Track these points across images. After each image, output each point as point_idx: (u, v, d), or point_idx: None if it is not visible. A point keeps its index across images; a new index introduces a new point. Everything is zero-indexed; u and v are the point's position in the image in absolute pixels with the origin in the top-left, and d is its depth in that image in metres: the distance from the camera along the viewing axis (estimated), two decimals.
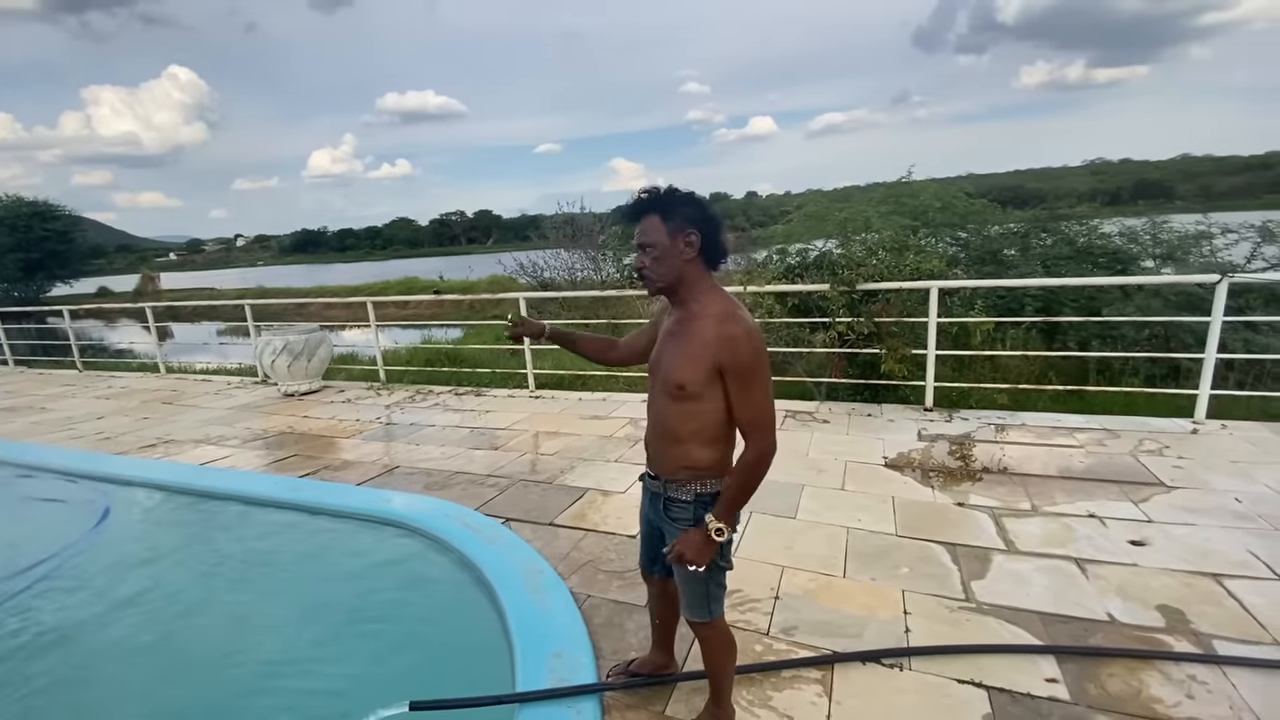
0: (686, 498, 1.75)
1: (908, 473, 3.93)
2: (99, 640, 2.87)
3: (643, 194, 1.71)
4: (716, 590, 1.81)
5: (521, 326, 2.12)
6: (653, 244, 1.67)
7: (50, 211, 34.81)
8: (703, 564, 1.70)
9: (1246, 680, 2.10)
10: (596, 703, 2.12)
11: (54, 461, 5.16)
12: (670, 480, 1.77)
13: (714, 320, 1.63)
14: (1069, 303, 6.49)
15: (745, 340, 1.60)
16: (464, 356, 8.84)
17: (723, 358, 1.60)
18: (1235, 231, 6.84)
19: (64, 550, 3.64)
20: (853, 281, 5.14)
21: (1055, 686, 2.12)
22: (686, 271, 1.68)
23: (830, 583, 2.80)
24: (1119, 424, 4.56)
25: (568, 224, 14.44)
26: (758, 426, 1.65)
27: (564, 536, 3.36)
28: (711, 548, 1.69)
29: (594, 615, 2.65)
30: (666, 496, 1.79)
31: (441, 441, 5.15)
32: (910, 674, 2.22)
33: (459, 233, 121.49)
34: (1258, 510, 3.21)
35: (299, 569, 3.43)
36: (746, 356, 1.60)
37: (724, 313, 1.64)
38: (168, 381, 8.68)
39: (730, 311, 1.65)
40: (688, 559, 1.70)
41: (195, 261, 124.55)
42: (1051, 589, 2.65)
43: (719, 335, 1.61)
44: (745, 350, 1.60)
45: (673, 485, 1.77)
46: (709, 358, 1.62)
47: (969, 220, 8.53)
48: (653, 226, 1.67)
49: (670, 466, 1.76)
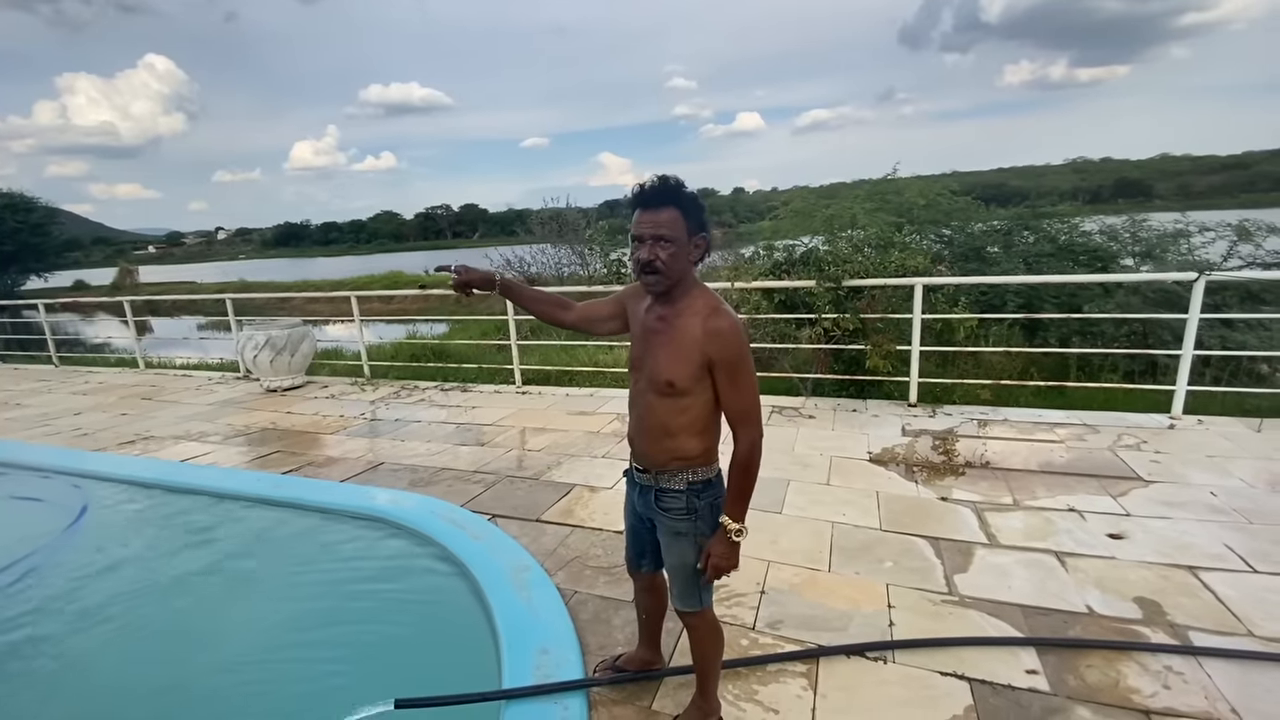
0: (679, 486, 1.77)
1: (892, 468, 3.97)
2: (76, 638, 2.82)
3: (666, 181, 1.64)
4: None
5: (466, 274, 1.94)
6: (672, 239, 1.61)
7: (25, 203, 34.09)
8: (735, 565, 1.75)
9: (1221, 671, 2.14)
10: (583, 699, 2.12)
11: (29, 458, 5.06)
12: (661, 471, 1.78)
13: (700, 316, 1.65)
14: (1050, 299, 6.58)
15: (731, 334, 1.62)
16: (450, 352, 8.78)
17: (711, 352, 1.62)
18: (1212, 230, 6.96)
19: (40, 549, 3.57)
20: (839, 278, 5.16)
21: (1035, 678, 2.15)
22: (689, 269, 1.69)
23: (815, 577, 2.82)
24: (1098, 419, 4.63)
25: (554, 219, 14.40)
26: (746, 418, 1.68)
27: (550, 533, 3.36)
28: (736, 549, 1.74)
29: (581, 611, 2.65)
30: (658, 488, 1.80)
31: (427, 438, 5.12)
32: (894, 667, 2.25)
33: (444, 227, 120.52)
34: (1232, 504, 3.27)
35: (282, 567, 3.39)
36: (733, 350, 1.62)
37: (709, 308, 1.66)
38: (147, 377, 8.54)
39: (715, 306, 1.66)
40: (723, 568, 1.74)
41: (175, 255, 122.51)
42: (1032, 582, 2.69)
43: (706, 330, 1.62)
44: (732, 344, 1.62)
45: (664, 476, 1.78)
46: (697, 353, 1.63)
47: (953, 218, 8.60)
48: (674, 220, 1.62)
49: (661, 459, 1.77)
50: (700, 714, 1.99)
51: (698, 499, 1.76)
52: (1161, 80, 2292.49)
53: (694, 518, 1.78)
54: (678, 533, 1.80)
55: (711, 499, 1.78)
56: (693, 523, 1.78)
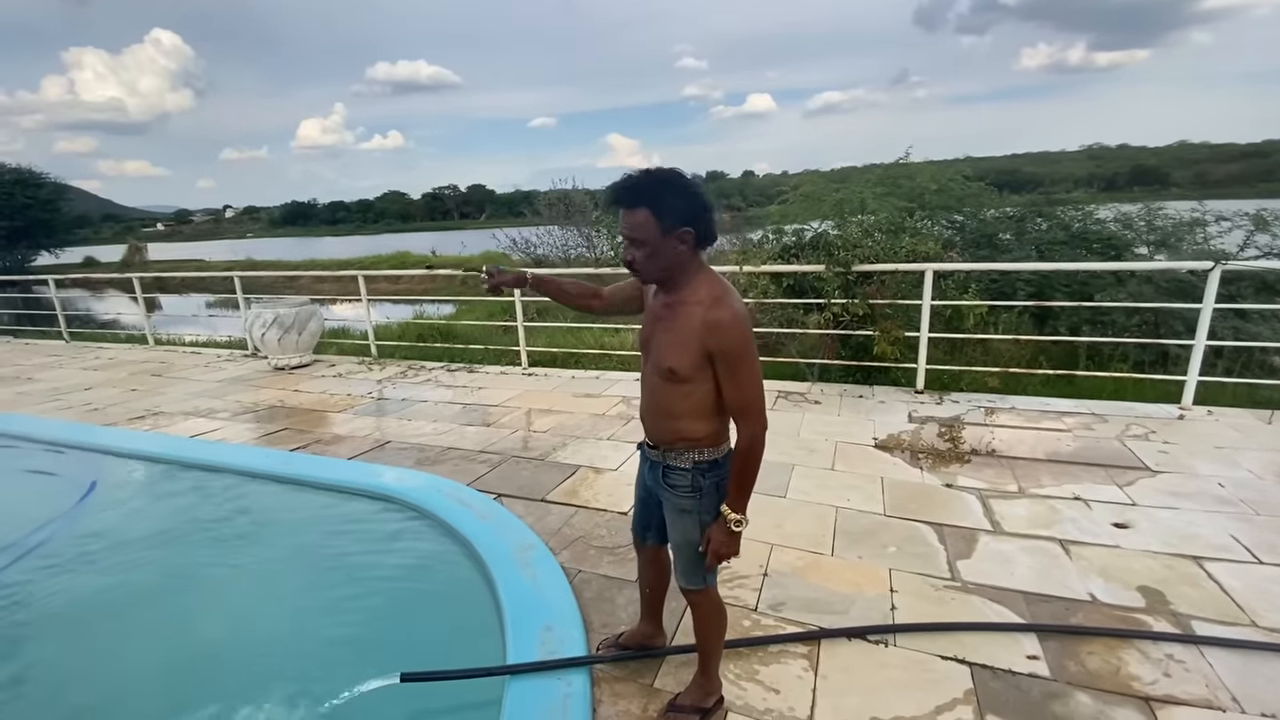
0: (685, 465, 1.78)
1: (897, 454, 3.97)
2: (89, 611, 2.87)
3: (630, 179, 1.61)
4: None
5: (499, 276, 2.03)
6: (645, 241, 1.60)
7: (34, 179, 34.17)
8: (735, 553, 1.78)
9: (1223, 660, 2.15)
10: (586, 675, 2.15)
11: (40, 432, 5.12)
12: (669, 449, 1.80)
13: (701, 307, 1.62)
14: (1061, 287, 6.51)
15: (731, 326, 1.59)
16: (456, 333, 8.80)
17: (710, 344, 1.61)
18: (1229, 219, 6.85)
19: (50, 524, 3.61)
20: (848, 263, 5.12)
21: (1036, 663, 2.16)
22: (678, 262, 1.65)
23: (818, 560, 2.83)
24: (1107, 409, 4.60)
25: (561, 201, 14.33)
26: (747, 411, 1.67)
27: (555, 513, 3.38)
28: (736, 538, 1.76)
29: (584, 590, 2.67)
30: (665, 465, 1.82)
31: (434, 417, 5.14)
32: (895, 650, 2.26)
33: (451, 207, 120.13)
34: (1240, 495, 3.26)
35: (290, 542, 3.43)
36: (733, 342, 1.60)
37: (711, 299, 1.63)
38: (156, 353, 8.60)
39: (718, 297, 1.63)
40: (723, 555, 1.76)
41: (183, 232, 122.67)
42: (1036, 569, 2.70)
43: (705, 322, 1.60)
44: (731, 336, 1.60)
45: (671, 454, 1.80)
46: (696, 344, 1.62)
47: (965, 203, 8.50)
48: (643, 222, 1.58)
49: (668, 438, 1.79)
50: (701, 692, 2.01)
51: (703, 478, 1.78)
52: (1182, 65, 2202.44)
53: (699, 496, 1.78)
54: (683, 510, 1.82)
55: (717, 479, 1.78)
56: (697, 501, 1.79)
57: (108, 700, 2.35)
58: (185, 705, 2.23)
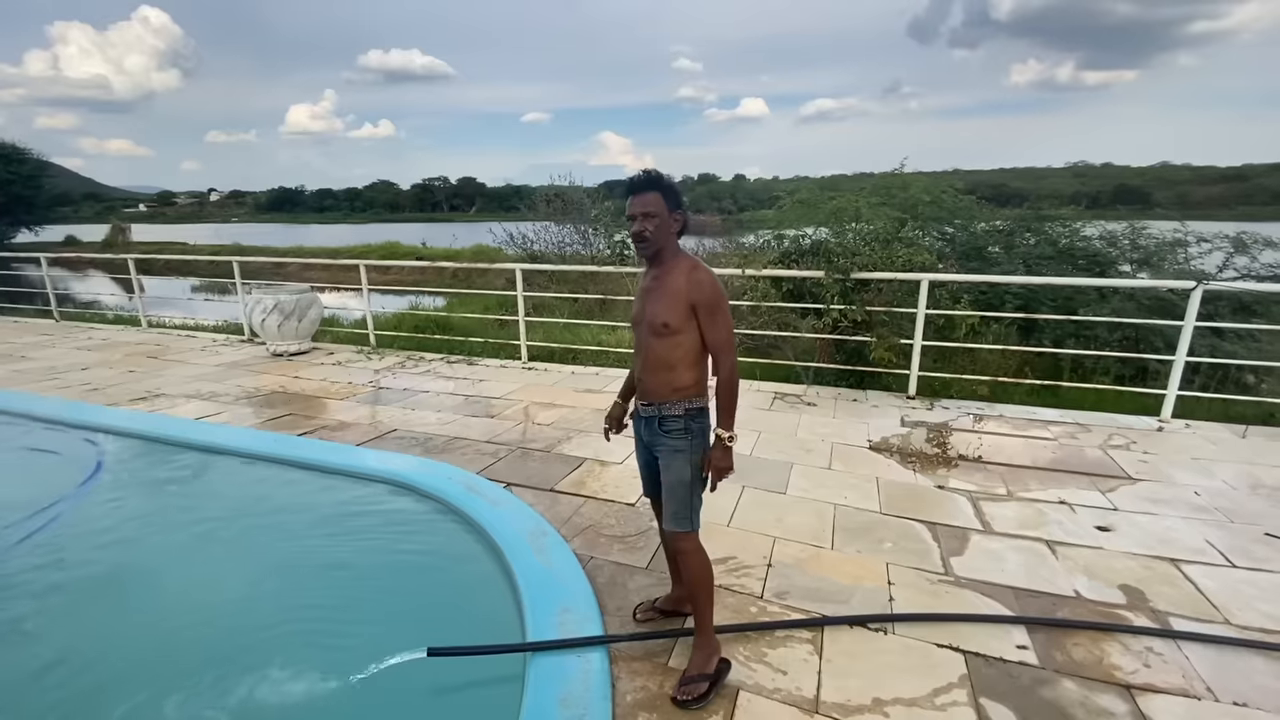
0: (678, 412, 2.16)
1: (891, 456, 4.11)
2: (106, 590, 2.91)
3: (645, 173, 2.16)
4: (697, 502, 2.18)
5: (618, 424, 2.53)
6: (656, 214, 2.10)
7: (15, 154, 33.40)
8: (731, 468, 2.14)
9: (1198, 653, 2.31)
10: (604, 653, 2.26)
11: (44, 411, 5.11)
12: (664, 403, 2.17)
13: (684, 271, 2.10)
14: (1047, 301, 6.72)
15: (709, 283, 2.07)
16: (453, 325, 8.84)
17: (694, 298, 2.06)
18: (1209, 241, 7.11)
19: (55, 505, 3.62)
20: (847, 269, 5.27)
21: (1025, 653, 2.31)
22: (670, 240, 2.15)
23: (819, 553, 2.97)
24: (1090, 419, 4.80)
25: (557, 197, 14.36)
26: (725, 348, 2.11)
27: (565, 502, 3.48)
28: (730, 453, 2.14)
29: (597, 575, 2.78)
30: (662, 416, 2.18)
31: (437, 408, 5.22)
32: (894, 638, 2.40)
33: (441, 199, 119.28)
34: (1215, 504, 3.45)
35: (310, 525, 3.45)
36: (711, 294, 2.07)
37: (690, 266, 2.11)
38: (150, 335, 8.56)
39: (695, 265, 2.12)
40: (722, 469, 2.12)
41: (166, 214, 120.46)
42: (1024, 566, 2.85)
43: (689, 281, 2.07)
44: (710, 290, 2.07)
45: (666, 405, 2.17)
46: (683, 299, 2.07)
47: (957, 216, 8.69)
48: (656, 201, 2.10)
49: (664, 392, 2.16)
50: (703, 656, 2.16)
51: (693, 422, 2.16)
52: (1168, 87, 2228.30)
53: (690, 437, 2.15)
54: (677, 450, 2.15)
55: (704, 424, 2.18)
56: (689, 440, 2.15)
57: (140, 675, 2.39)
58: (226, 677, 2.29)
